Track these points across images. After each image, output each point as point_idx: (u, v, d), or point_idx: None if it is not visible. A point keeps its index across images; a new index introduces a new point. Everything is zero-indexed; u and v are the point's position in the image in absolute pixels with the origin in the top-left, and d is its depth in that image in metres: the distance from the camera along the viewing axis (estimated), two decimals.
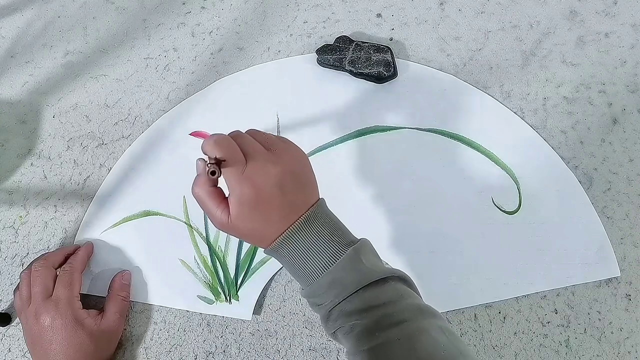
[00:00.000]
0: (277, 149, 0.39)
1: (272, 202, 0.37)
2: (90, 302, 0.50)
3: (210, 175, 0.35)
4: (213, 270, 0.51)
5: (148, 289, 0.51)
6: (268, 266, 0.51)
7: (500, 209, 0.51)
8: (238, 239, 0.52)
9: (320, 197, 0.41)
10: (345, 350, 0.39)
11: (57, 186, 0.55)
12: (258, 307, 0.50)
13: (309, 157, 0.54)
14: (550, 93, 0.56)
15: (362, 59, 0.56)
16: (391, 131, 0.55)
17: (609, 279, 0.49)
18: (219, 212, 0.38)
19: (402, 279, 0.39)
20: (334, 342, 0.48)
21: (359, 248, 0.38)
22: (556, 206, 0.51)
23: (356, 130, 0.55)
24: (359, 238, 0.39)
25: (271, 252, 0.39)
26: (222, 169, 0.37)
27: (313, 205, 0.39)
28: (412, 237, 0.51)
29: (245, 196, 0.37)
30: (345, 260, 0.37)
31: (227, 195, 0.39)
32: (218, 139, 0.37)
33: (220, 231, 0.51)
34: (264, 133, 0.42)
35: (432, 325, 0.35)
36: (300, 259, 0.38)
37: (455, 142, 0.54)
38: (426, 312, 0.37)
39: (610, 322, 0.48)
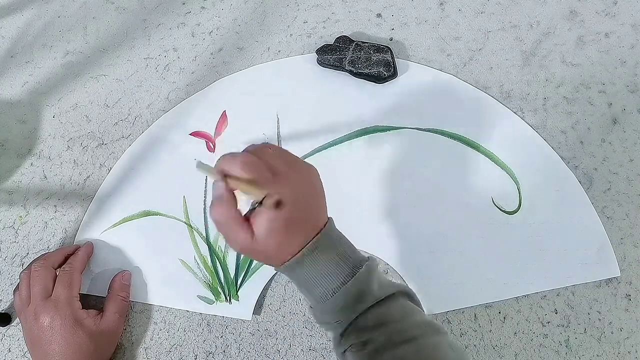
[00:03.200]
0: (293, 165, 0.38)
1: (296, 219, 0.36)
2: (90, 302, 0.50)
3: (275, 207, 0.33)
4: (213, 270, 0.51)
5: (148, 289, 0.51)
6: (268, 266, 0.50)
7: (500, 209, 0.51)
8: None
9: (329, 217, 0.40)
10: None
11: (57, 186, 0.55)
12: (258, 307, 0.50)
13: (308, 157, 0.55)
14: (550, 93, 0.56)
15: (362, 59, 0.56)
16: (391, 131, 0.55)
17: (609, 279, 0.49)
18: (243, 234, 0.35)
19: (408, 294, 0.39)
20: None
21: (371, 267, 0.38)
22: (556, 206, 0.51)
23: (356, 130, 0.55)
24: (367, 256, 0.39)
25: (285, 270, 0.38)
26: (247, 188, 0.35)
27: (326, 224, 0.39)
28: (412, 237, 0.51)
29: (275, 216, 0.35)
30: (360, 277, 0.37)
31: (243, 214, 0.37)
32: (245, 160, 0.35)
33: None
34: (276, 147, 0.40)
35: (442, 342, 0.36)
36: (315, 277, 0.37)
37: (455, 142, 0.54)
38: (435, 328, 0.37)
39: (610, 322, 0.48)
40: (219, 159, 0.36)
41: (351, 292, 0.36)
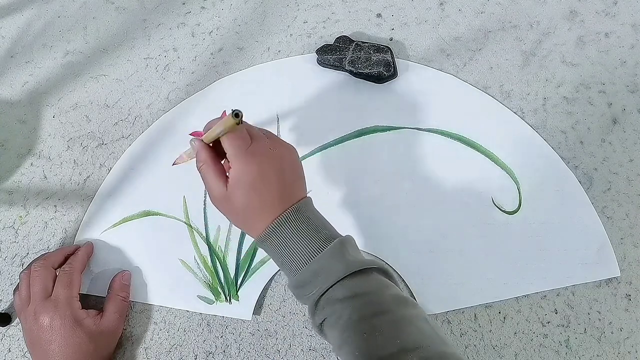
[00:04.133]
0: (275, 139, 0.42)
1: (270, 183, 0.39)
2: (90, 302, 0.50)
3: (234, 117, 0.36)
4: (213, 270, 0.51)
5: (148, 289, 0.51)
6: (268, 266, 0.51)
7: (500, 209, 0.51)
8: (238, 240, 0.52)
9: (308, 195, 0.43)
10: (332, 347, 0.39)
11: (57, 186, 0.55)
12: (258, 307, 0.50)
13: (308, 157, 0.55)
14: (550, 93, 0.56)
15: (362, 59, 0.56)
16: (391, 131, 0.55)
17: (609, 279, 0.49)
18: (219, 184, 0.39)
19: (384, 270, 0.40)
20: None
21: (345, 240, 0.39)
22: (556, 206, 0.51)
23: (356, 130, 0.55)
24: (344, 234, 0.41)
25: (262, 240, 0.40)
26: (227, 144, 0.38)
27: (302, 199, 0.41)
28: (412, 237, 0.51)
29: (247, 168, 0.38)
30: (332, 249, 0.38)
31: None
32: (237, 110, 0.39)
33: (221, 231, 0.52)
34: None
35: (417, 314, 0.37)
36: (289, 248, 0.39)
37: (455, 142, 0.54)
38: (409, 303, 0.38)
39: (610, 322, 0.48)
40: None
41: (322, 264, 0.38)
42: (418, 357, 0.33)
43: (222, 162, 0.42)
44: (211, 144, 0.42)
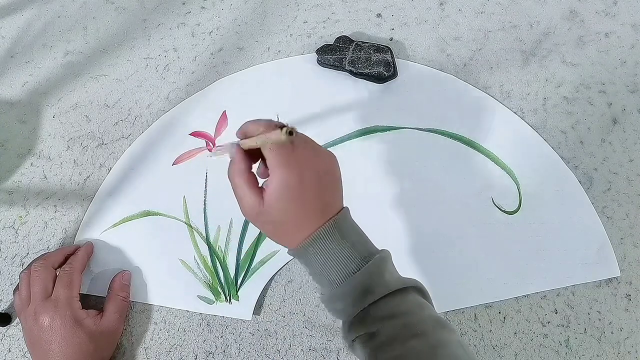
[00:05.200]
0: (315, 146, 0.39)
1: (311, 194, 0.36)
2: (90, 302, 0.50)
3: (288, 135, 0.33)
4: (213, 270, 0.51)
5: (148, 289, 0.51)
6: (268, 266, 0.51)
7: (500, 209, 0.51)
8: (238, 240, 0.52)
9: (345, 205, 0.40)
10: None
11: (57, 186, 0.55)
12: (258, 307, 0.50)
13: None
14: (550, 93, 0.56)
15: (362, 59, 0.56)
16: (391, 131, 0.55)
17: (609, 279, 0.49)
18: (253, 195, 0.36)
19: (420, 290, 0.39)
20: (334, 341, 0.48)
21: (384, 257, 0.38)
22: (556, 206, 0.51)
23: (356, 130, 0.55)
24: (380, 249, 0.39)
25: (298, 251, 0.38)
26: (270, 153, 0.36)
27: (341, 210, 0.39)
28: (412, 237, 0.51)
29: (290, 179, 0.35)
30: (373, 266, 0.37)
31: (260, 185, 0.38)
32: (264, 121, 0.37)
33: (221, 231, 0.52)
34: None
35: (452, 339, 0.36)
36: (328, 261, 0.37)
37: (455, 142, 0.54)
38: (445, 325, 0.37)
39: (610, 322, 0.48)
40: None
41: (362, 280, 0.36)
42: None
43: (257, 168, 0.39)
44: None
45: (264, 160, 0.38)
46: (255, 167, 0.39)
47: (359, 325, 0.37)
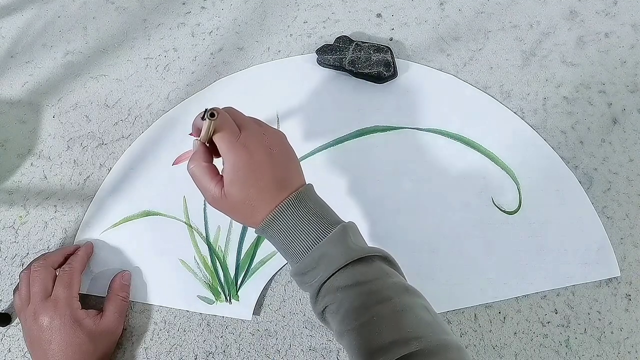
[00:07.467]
0: (264, 125, 0.41)
1: (265, 170, 0.38)
2: (90, 302, 0.50)
3: (209, 118, 0.35)
4: (213, 270, 0.51)
5: (148, 289, 0.51)
6: (268, 266, 0.51)
7: (500, 209, 0.51)
8: (238, 240, 0.52)
9: (308, 182, 0.42)
10: (333, 334, 0.39)
11: (57, 186, 0.55)
12: (258, 307, 0.50)
13: (308, 157, 0.55)
14: (550, 93, 0.56)
15: (362, 59, 0.56)
16: (391, 131, 0.55)
17: (609, 279, 0.49)
18: (213, 185, 0.39)
19: (387, 259, 0.40)
20: (334, 341, 0.48)
21: (347, 227, 0.39)
22: (556, 206, 0.51)
23: (356, 130, 0.55)
24: (346, 221, 0.40)
25: (263, 229, 0.39)
26: (216, 138, 0.38)
27: (302, 186, 0.40)
28: (412, 237, 0.51)
29: (239, 161, 0.38)
30: (334, 236, 0.38)
31: (221, 172, 0.40)
32: (212, 109, 0.38)
33: (221, 231, 0.52)
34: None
35: (418, 303, 0.37)
36: (291, 235, 0.38)
37: (455, 142, 0.54)
38: (411, 291, 0.38)
39: (610, 322, 0.48)
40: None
41: (325, 251, 0.37)
42: (419, 346, 0.33)
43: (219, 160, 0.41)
44: (207, 144, 0.41)
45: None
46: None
47: (326, 296, 0.38)
